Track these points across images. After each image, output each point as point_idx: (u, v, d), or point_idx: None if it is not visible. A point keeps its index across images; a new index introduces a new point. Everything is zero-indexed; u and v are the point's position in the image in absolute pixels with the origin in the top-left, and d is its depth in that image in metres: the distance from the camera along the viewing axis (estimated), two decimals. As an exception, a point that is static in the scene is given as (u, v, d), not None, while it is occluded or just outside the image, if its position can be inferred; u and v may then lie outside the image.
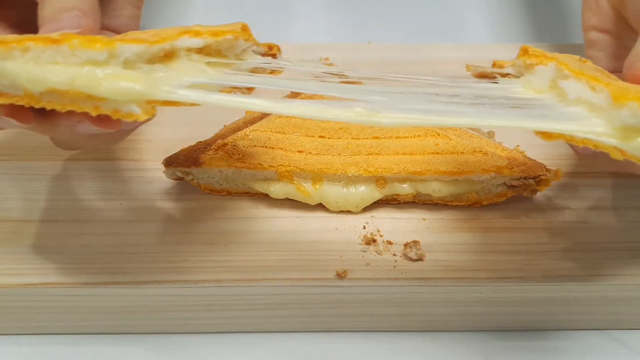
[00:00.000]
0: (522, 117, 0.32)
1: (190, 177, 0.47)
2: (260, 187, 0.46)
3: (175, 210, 0.47)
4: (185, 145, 0.48)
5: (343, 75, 0.49)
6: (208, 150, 0.47)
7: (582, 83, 0.33)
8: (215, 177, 0.47)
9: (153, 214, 0.46)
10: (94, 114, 0.31)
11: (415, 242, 0.44)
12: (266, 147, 0.46)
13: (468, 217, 0.46)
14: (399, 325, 0.44)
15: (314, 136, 0.47)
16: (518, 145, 0.48)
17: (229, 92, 0.36)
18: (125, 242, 0.44)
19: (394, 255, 0.44)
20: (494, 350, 0.44)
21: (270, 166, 0.45)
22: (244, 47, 0.38)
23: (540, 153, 0.48)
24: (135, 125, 0.38)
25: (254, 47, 0.38)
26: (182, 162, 0.46)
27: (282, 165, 0.45)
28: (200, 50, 0.35)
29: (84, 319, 0.43)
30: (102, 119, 0.33)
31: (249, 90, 0.37)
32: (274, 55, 0.39)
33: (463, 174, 0.45)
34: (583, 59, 0.38)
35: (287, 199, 0.47)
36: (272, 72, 0.39)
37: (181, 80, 0.33)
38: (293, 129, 0.47)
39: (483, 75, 0.39)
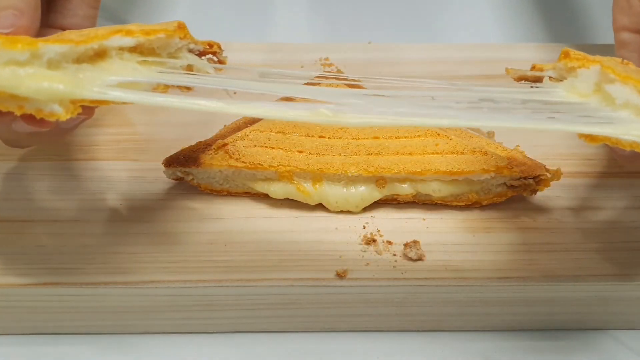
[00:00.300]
0: (566, 121, 0.32)
1: (190, 177, 0.47)
2: (260, 187, 0.46)
3: (175, 210, 0.47)
4: (185, 145, 0.48)
5: (353, 80, 0.49)
6: (208, 150, 0.47)
7: (629, 87, 0.33)
8: (215, 177, 0.47)
9: (153, 214, 0.46)
10: (18, 113, 0.32)
11: (415, 242, 0.44)
12: (266, 147, 0.46)
13: (468, 217, 0.46)
14: (399, 325, 0.44)
15: (314, 136, 0.47)
16: (518, 145, 0.48)
17: (164, 90, 0.36)
18: (125, 242, 0.44)
19: (394, 255, 0.44)
20: (494, 350, 0.44)
21: (270, 166, 0.45)
22: (179, 45, 0.38)
23: (540, 153, 0.48)
24: (76, 123, 0.38)
25: (192, 45, 0.38)
26: (182, 162, 0.46)
27: (282, 165, 0.45)
28: (134, 50, 0.36)
29: (84, 319, 0.43)
30: (33, 118, 0.33)
31: (187, 88, 0.37)
32: (214, 53, 0.39)
33: (463, 174, 0.45)
34: (625, 61, 0.38)
35: (287, 199, 0.47)
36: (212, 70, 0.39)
37: (107, 79, 0.33)
38: (293, 129, 0.47)
39: (523, 78, 0.39)
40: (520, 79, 0.39)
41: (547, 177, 0.45)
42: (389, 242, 0.44)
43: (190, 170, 0.47)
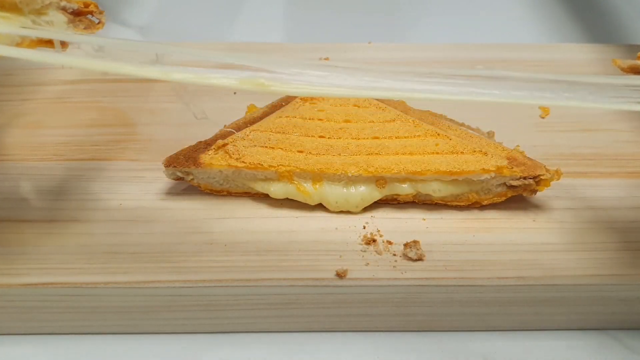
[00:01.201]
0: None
1: (190, 177, 0.47)
2: (260, 187, 0.46)
3: (175, 210, 0.47)
4: (185, 145, 0.48)
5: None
6: (208, 150, 0.47)
7: None
8: (215, 177, 0.47)
9: (153, 214, 0.46)
10: None
11: (415, 242, 0.44)
12: (266, 147, 0.46)
13: (468, 217, 0.46)
14: (399, 325, 0.44)
15: (314, 136, 0.47)
16: (518, 145, 0.48)
17: (32, 45, 0.35)
18: (125, 242, 0.44)
19: (394, 255, 0.44)
20: (493, 350, 0.44)
21: (270, 166, 0.45)
22: (46, 2, 0.37)
23: (540, 153, 0.48)
24: None
25: (64, 3, 0.37)
26: (182, 162, 0.46)
27: (282, 165, 0.45)
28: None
29: (84, 319, 0.43)
30: None
31: (62, 45, 0.36)
32: (92, 13, 0.38)
33: (463, 174, 0.45)
34: None
35: (287, 199, 0.47)
36: (87, 28, 0.38)
37: None
38: (293, 129, 0.47)
39: (634, 68, 0.38)
40: (630, 68, 0.38)
41: (547, 177, 0.45)
42: (389, 242, 0.44)
43: (190, 170, 0.47)
